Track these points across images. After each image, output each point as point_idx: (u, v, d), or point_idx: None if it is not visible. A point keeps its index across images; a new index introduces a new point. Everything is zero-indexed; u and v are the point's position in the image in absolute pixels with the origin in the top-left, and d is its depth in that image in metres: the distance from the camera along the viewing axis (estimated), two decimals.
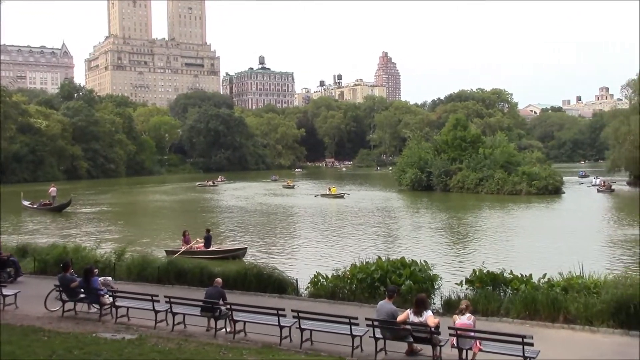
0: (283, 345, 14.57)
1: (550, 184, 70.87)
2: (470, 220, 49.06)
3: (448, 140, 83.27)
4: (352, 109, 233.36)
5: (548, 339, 14.16)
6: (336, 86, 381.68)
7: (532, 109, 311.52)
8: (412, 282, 17.62)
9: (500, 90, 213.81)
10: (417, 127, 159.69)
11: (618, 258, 31.02)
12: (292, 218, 53.63)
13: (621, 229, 42.36)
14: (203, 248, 30.08)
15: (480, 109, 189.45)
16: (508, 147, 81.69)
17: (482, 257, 27.49)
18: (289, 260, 30.91)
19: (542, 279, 17.35)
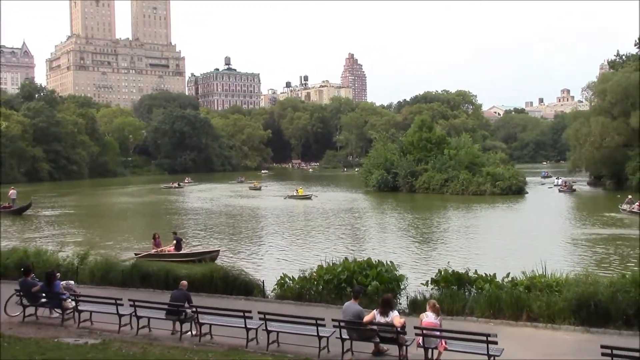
0: (249, 347, 14.48)
1: (514, 185, 72.07)
2: (435, 220, 49.55)
3: (414, 141, 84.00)
4: (319, 110, 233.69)
5: (512, 337, 14.35)
6: (302, 87, 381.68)
7: (495, 110, 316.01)
8: (378, 282, 17.68)
9: (464, 91, 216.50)
10: (383, 128, 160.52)
11: (579, 257, 31.64)
12: (258, 220, 53.43)
13: (582, 229, 43.23)
14: (174, 251, 29.75)
15: (445, 111, 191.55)
16: (472, 148, 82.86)
17: (447, 257, 27.73)
18: (255, 262, 30.78)
19: (506, 278, 17.59)
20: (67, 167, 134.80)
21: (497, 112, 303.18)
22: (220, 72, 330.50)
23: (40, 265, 21.10)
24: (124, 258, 26.80)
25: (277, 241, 39.20)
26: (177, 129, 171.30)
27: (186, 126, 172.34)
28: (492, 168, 75.71)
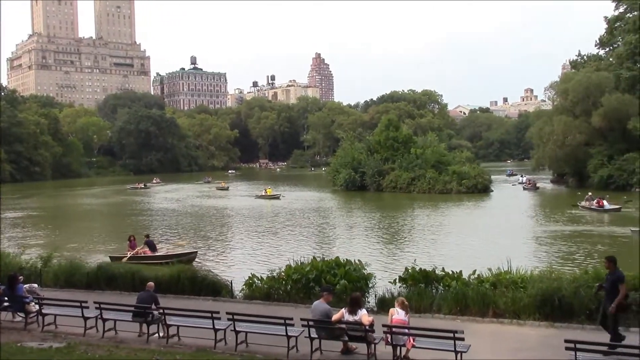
0: (218, 348, 14.39)
1: (479, 183, 73.02)
2: (403, 219, 49.92)
3: (381, 140, 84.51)
4: (286, 109, 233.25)
5: (478, 333, 14.53)
6: (269, 87, 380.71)
7: (461, 109, 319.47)
8: (346, 281, 17.73)
9: (430, 91, 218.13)
10: (350, 127, 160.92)
11: (543, 253, 32.23)
12: (226, 220, 53.17)
13: (545, 226, 44.05)
14: (149, 253, 29.32)
15: (412, 110, 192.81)
16: (439, 147, 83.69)
17: (414, 255, 27.96)
18: (223, 263, 30.64)
19: (472, 275, 17.80)
20: (30, 169, 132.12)
21: (462, 112, 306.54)
22: (186, 72, 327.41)
23: (2, 269, 20.67)
24: (96, 260, 26.25)
25: (245, 241, 39.09)
26: (142, 129, 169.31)
27: (152, 126, 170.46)
28: (458, 167, 76.59)
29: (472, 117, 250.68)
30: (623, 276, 13.29)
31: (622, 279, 13.10)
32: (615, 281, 12.98)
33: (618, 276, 13.12)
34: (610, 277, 13.15)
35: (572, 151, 74.89)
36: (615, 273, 13.17)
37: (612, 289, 12.99)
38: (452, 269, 18.30)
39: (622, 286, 12.96)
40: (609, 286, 13.11)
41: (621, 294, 12.86)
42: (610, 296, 13.05)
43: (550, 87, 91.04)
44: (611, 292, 13.03)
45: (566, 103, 77.48)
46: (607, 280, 13.33)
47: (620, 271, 13.47)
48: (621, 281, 13.00)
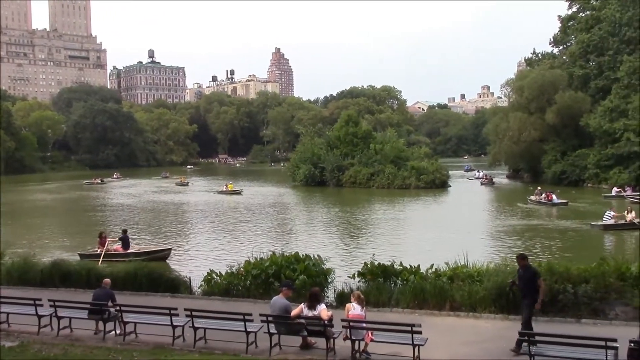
0: (176, 345, 14.30)
1: (437, 178, 73.93)
2: (362, 214, 50.25)
3: (340, 136, 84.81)
4: (245, 104, 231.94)
5: (435, 326, 14.77)
6: (229, 81, 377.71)
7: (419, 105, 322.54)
8: (305, 276, 17.79)
9: (389, 87, 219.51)
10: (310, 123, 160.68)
11: (499, 247, 32.88)
12: (186, 215, 52.70)
13: (501, 220, 44.94)
14: (121, 250, 28.73)
15: (371, 106, 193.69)
16: (398, 143, 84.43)
17: (373, 250, 28.17)
18: (182, 259, 30.34)
19: (430, 269, 18.05)
20: None
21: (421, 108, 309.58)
22: (143, 65, 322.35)
23: None
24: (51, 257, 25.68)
25: (205, 237, 38.82)
26: (98, 124, 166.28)
27: (108, 120, 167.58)
28: (416, 162, 77.39)
29: (431, 113, 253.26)
30: (538, 271, 13.95)
31: (538, 273, 13.71)
32: (533, 277, 13.39)
33: (535, 272, 13.64)
34: (525, 274, 13.50)
35: (527, 147, 76.47)
36: (530, 269, 13.64)
37: (529, 285, 13.37)
38: (410, 264, 18.54)
39: (541, 280, 13.52)
40: (525, 283, 13.47)
41: (542, 288, 13.42)
42: (526, 292, 13.48)
43: (506, 84, 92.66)
44: (527, 288, 13.41)
45: (521, 100, 78.97)
46: (520, 277, 13.67)
47: (534, 267, 14.06)
48: (538, 276, 13.53)
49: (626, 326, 14.06)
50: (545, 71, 76.51)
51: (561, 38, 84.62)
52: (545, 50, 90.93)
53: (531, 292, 13.37)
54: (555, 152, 73.79)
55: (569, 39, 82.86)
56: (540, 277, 13.67)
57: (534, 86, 75.08)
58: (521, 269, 13.68)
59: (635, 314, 15.00)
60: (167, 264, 27.92)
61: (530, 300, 13.39)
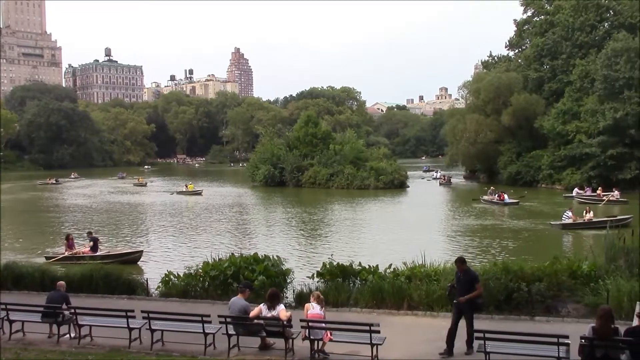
0: (132, 347, 14.10)
1: (396, 179, 74.67)
2: (321, 214, 50.37)
3: (300, 136, 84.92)
4: (204, 104, 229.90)
5: (394, 325, 14.89)
6: (187, 81, 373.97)
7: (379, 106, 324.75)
8: (265, 277, 17.75)
9: (349, 88, 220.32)
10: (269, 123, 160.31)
11: (456, 246, 33.37)
12: (144, 216, 51.94)
13: (457, 219, 45.63)
14: (90, 253, 28.02)
15: (331, 106, 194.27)
16: (357, 144, 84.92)
17: (332, 250, 28.29)
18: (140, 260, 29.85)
19: (388, 269, 18.20)
20: None
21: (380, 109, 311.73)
22: (100, 64, 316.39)
23: None
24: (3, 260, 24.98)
25: (163, 238, 38.38)
26: (53, 123, 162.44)
27: (63, 119, 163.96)
28: (375, 163, 78.02)
29: (390, 115, 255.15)
30: (477, 275, 13.76)
31: (477, 278, 13.49)
32: (472, 281, 13.17)
33: (474, 276, 13.39)
34: (465, 278, 13.25)
35: (484, 148, 77.83)
36: (469, 273, 13.38)
37: (469, 290, 13.10)
38: (368, 263, 18.66)
39: (479, 285, 13.30)
40: (464, 287, 13.15)
41: (477, 291, 13.13)
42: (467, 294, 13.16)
43: (463, 87, 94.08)
44: (467, 292, 13.11)
45: (478, 102, 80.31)
46: (458, 281, 13.38)
47: (474, 270, 13.92)
48: (477, 280, 13.32)
49: (577, 323, 14.42)
50: (501, 74, 77.94)
51: (516, 42, 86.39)
52: (501, 54, 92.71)
53: (472, 298, 13.10)
54: (511, 153, 75.30)
55: (524, 42, 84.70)
56: (479, 282, 13.47)
57: (490, 88, 76.42)
58: (460, 273, 13.35)
59: (586, 311, 15.42)
60: (138, 267, 27.52)
61: (469, 306, 13.12)
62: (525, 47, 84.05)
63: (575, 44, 72.21)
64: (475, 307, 13.25)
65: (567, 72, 71.95)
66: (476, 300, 13.15)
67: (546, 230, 38.77)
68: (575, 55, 71.50)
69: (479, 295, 13.18)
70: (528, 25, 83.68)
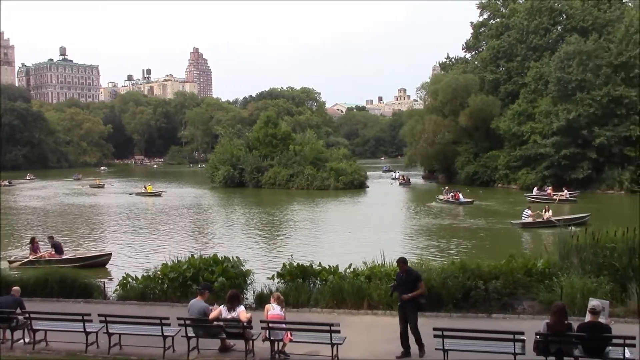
0: (89, 352, 13.86)
1: (356, 179, 75.16)
2: (281, 215, 50.32)
3: (260, 137, 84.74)
4: (163, 104, 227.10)
5: (354, 325, 14.97)
6: (145, 81, 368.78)
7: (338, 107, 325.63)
8: (224, 278, 17.62)
9: (309, 89, 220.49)
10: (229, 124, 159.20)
11: (415, 245, 33.74)
12: (101, 218, 51.06)
13: (416, 219, 46.18)
14: (56, 256, 27.19)
15: (291, 107, 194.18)
16: (317, 144, 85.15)
17: (293, 250, 28.28)
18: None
19: (348, 269, 18.27)
20: None
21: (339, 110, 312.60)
22: (54, 63, 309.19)
23: None
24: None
25: (121, 240, 37.78)
26: (5, 123, 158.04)
27: (16, 120, 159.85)
28: (335, 163, 78.34)
29: (349, 115, 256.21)
30: (420, 274, 13.69)
31: (420, 277, 13.41)
32: (415, 280, 13.06)
33: (417, 275, 13.30)
34: (407, 278, 13.14)
35: (442, 149, 78.93)
36: (412, 273, 13.29)
37: (412, 289, 12.99)
38: (329, 264, 18.69)
39: (422, 284, 13.21)
40: (407, 287, 13.00)
41: (420, 289, 13.06)
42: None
43: (421, 88, 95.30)
44: (410, 292, 12.98)
45: (436, 103, 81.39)
46: (401, 281, 13.22)
47: (416, 270, 13.91)
48: (420, 279, 13.24)
49: (533, 320, 14.73)
50: (458, 75, 79.11)
51: (473, 44, 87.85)
52: (458, 55, 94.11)
53: (415, 297, 12.99)
54: (468, 154, 76.53)
55: (481, 44, 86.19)
56: (422, 281, 13.50)
57: (448, 90, 77.48)
58: (402, 273, 13.24)
59: (541, 308, 15.76)
60: (106, 270, 26.98)
61: (413, 306, 13.01)
62: (481, 50, 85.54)
63: (530, 47, 73.77)
64: (418, 307, 13.13)
65: (522, 74, 73.45)
66: (419, 299, 13.06)
67: (502, 229, 39.52)
68: (530, 57, 73.03)
69: (422, 295, 13.12)
70: (484, 27, 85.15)
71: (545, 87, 67.74)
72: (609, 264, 16.31)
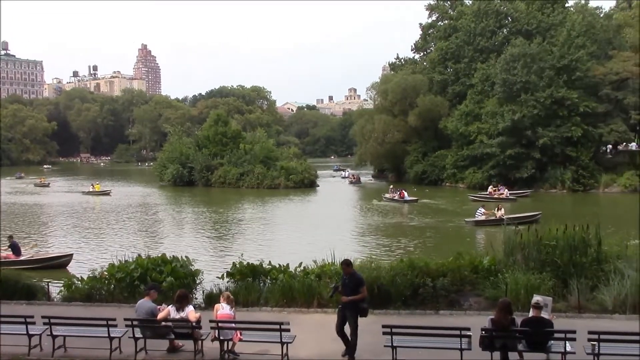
0: (32, 355, 13.48)
1: (306, 178, 75.28)
2: (231, 214, 50.00)
3: (209, 135, 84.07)
4: (110, 102, 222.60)
5: (304, 323, 15.00)
6: (91, 77, 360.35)
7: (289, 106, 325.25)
8: (173, 278, 17.42)
9: (259, 87, 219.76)
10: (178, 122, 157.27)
11: (365, 244, 34.04)
12: (46, 218, 49.64)
13: (365, 217, 46.59)
14: (13, 257, 26.12)
15: (241, 106, 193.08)
16: (267, 143, 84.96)
17: (243, 249, 28.11)
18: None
19: (299, 267, 18.29)
20: None
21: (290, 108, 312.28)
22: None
23: None
24: None
25: (66, 240, 36.88)
26: None
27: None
28: (286, 162, 78.33)
29: (300, 114, 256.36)
30: (363, 278, 13.32)
31: (363, 281, 13.00)
32: (357, 285, 12.72)
33: (359, 279, 12.93)
34: (350, 281, 12.75)
35: (391, 148, 79.87)
36: (355, 276, 12.93)
37: (353, 293, 12.71)
38: (279, 262, 18.68)
39: (363, 289, 12.87)
40: (350, 291, 12.69)
41: (361, 295, 12.66)
42: (350, 301, 12.70)
43: (371, 88, 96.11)
44: (352, 294, 12.74)
45: (386, 103, 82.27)
46: (344, 284, 12.87)
47: (359, 274, 13.60)
48: (362, 284, 12.83)
49: (479, 315, 15.06)
50: (407, 76, 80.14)
51: (422, 45, 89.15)
52: (407, 56, 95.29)
53: (355, 301, 12.64)
54: (417, 153, 77.66)
55: (429, 46, 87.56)
56: (364, 285, 13.01)
57: (397, 90, 78.40)
58: (346, 276, 12.92)
59: (487, 304, 16.12)
60: (67, 272, 26.16)
61: (354, 309, 12.67)
62: (430, 51, 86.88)
63: (477, 49, 75.30)
64: (359, 312, 12.76)
65: (469, 76, 74.93)
66: (361, 304, 12.72)
67: (450, 227, 40.23)
68: (477, 59, 74.55)
69: (362, 299, 12.75)
70: (433, 29, 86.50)
71: (492, 89, 69.29)
72: (551, 260, 16.79)
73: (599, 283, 16.14)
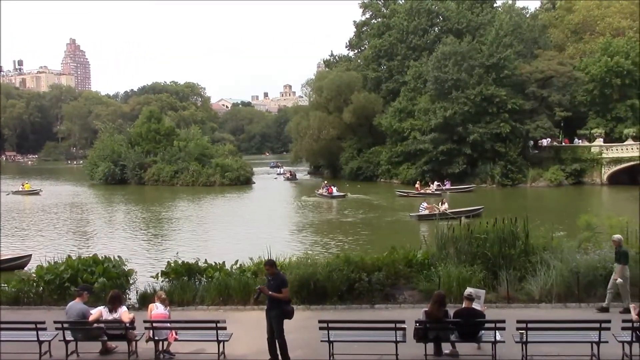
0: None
1: (242, 175, 74.93)
2: (165, 212, 49.22)
3: (142, 132, 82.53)
4: (36, 98, 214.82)
5: (241, 321, 14.97)
6: (17, 72, 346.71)
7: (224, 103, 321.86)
8: (105, 279, 17.03)
9: (193, 84, 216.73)
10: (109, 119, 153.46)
11: (301, 240, 34.18)
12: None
13: (301, 214, 46.77)
14: None
15: (174, 102, 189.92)
16: (202, 140, 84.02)
17: (178, 248, 27.71)
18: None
19: (235, 265, 18.21)
20: None
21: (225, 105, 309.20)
22: None
23: None
24: None
25: None
26: None
27: None
28: (221, 160, 77.62)
29: (235, 111, 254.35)
30: (286, 279, 13.01)
31: (285, 282, 12.54)
32: (280, 285, 12.34)
33: (282, 280, 12.55)
34: (274, 281, 12.34)
35: (327, 145, 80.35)
36: (278, 277, 12.53)
37: (277, 293, 12.37)
38: (215, 261, 18.54)
39: (286, 290, 12.37)
40: (275, 290, 12.25)
41: (282, 295, 12.20)
42: (274, 302, 12.29)
43: (306, 84, 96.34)
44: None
45: (321, 100, 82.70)
46: (268, 284, 12.45)
47: (283, 274, 13.36)
48: (284, 285, 12.38)
49: (413, 308, 15.38)
50: (342, 73, 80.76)
51: (356, 42, 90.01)
52: (342, 53, 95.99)
53: (279, 302, 12.21)
54: (352, 150, 78.41)
55: (363, 43, 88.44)
56: (287, 286, 12.54)
57: (332, 87, 78.92)
58: (270, 277, 12.51)
59: (421, 297, 16.47)
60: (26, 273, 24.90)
61: (278, 311, 12.23)
62: (364, 48, 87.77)
63: (410, 47, 76.55)
64: (284, 314, 12.30)
65: (403, 73, 76.10)
66: (285, 307, 12.27)
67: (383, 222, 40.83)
68: (410, 57, 75.78)
69: (284, 300, 12.27)
70: (367, 27, 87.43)
71: (424, 86, 70.62)
72: (481, 253, 17.30)
73: (526, 274, 16.73)
